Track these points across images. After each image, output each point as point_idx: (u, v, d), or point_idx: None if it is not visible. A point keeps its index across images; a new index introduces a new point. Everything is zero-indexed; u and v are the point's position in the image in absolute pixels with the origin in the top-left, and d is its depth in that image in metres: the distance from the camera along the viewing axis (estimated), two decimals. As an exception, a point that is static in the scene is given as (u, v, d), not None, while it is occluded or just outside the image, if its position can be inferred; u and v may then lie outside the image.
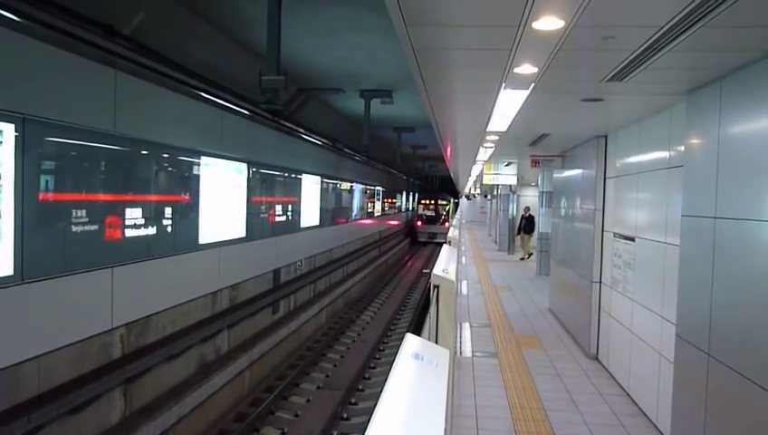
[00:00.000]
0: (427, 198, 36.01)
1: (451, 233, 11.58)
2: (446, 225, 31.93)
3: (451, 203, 35.94)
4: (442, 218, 34.47)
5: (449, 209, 35.24)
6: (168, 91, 6.52)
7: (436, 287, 4.04)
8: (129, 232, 5.99)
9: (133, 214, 6.06)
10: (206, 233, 7.68)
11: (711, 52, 3.30)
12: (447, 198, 35.92)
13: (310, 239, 12.86)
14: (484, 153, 10.17)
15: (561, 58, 3.52)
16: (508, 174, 15.04)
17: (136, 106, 6.07)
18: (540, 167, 10.15)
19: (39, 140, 4.80)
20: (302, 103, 11.00)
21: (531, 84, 4.29)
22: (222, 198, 8.20)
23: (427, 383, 2.13)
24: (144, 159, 6.42)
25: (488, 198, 32.14)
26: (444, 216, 34.72)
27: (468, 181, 23.44)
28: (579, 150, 8.10)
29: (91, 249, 5.42)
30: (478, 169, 14.90)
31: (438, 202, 35.39)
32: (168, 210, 6.79)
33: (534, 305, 10.28)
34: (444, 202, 35.46)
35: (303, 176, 12.36)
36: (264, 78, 6.06)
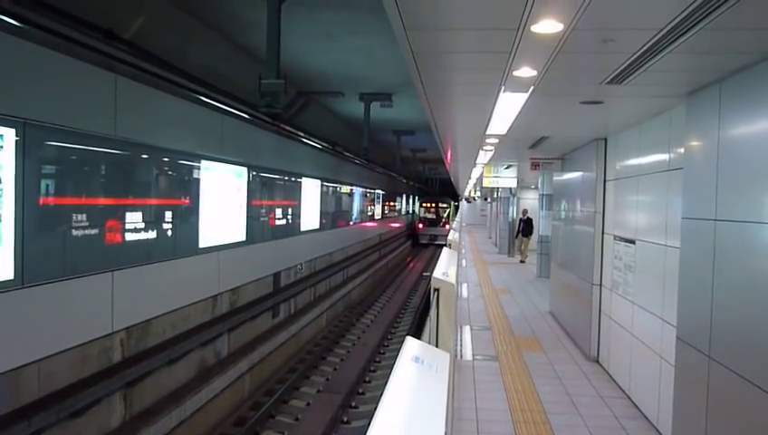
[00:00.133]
0: (428, 201, 36.25)
1: (451, 236, 11.58)
2: (447, 227, 32.02)
3: (451, 206, 36.03)
4: (442, 221, 34.65)
5: (449, 212, 35.32)
6: (168, 95, 6.54)
7: (437, 290, 4.04)
8: (129, 236, 6.00)
9: (133, 218, 6.07)
10: (206, 237, 7.68)
11: (710, 54, 3.30)
12: (448, 201, 36.04)
13: (310, 243, 12.86)
14: (484, 156, 10.16)
15: (561, 61, 3.52)
16: (508, 177, 15.02)
17: (136, 110, 6.09)
18: (540, 170, 10.13)
19: (39, 145, 4.81)
20: (302, 107, 11.02)
21: (530, 87, 4.29)
22: (222, 201, 8.20)
23: (428, 387, 2.13)
24: (144, 163, 6.43)
25: (488, 200, 32.12)
26: (444, 218, 34.85)
27: (468, 184, 23.43)
28: (578, 153, 8.10)
29: (92, 253, 5.43)
30: (478, 171, 14.90)
31: (439, 205, 35.66)
32: (168, 214, 6.79)
33: (535, 308, 10.27)
34: (444, 205, 35.64)
35: (303, 179, 12.37)
36: (264, 81, 6.06)
